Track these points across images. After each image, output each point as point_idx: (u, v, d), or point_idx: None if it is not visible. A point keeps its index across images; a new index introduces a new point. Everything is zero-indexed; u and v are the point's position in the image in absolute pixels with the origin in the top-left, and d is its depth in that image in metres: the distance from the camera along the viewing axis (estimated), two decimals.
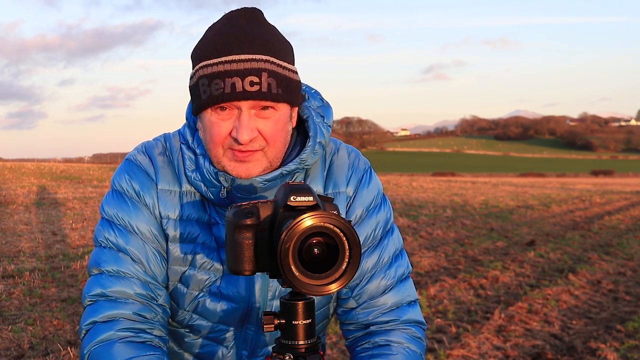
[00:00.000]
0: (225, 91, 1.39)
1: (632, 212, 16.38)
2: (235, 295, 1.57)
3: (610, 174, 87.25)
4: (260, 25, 1.45)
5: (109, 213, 1.57)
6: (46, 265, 6.87)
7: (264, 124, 1.44)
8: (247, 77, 1.39)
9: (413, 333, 1.63)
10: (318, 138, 1.54)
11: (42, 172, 21.49)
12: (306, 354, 1.21)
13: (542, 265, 8.09)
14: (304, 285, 1.11)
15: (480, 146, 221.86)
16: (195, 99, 1.47)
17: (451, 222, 12.37)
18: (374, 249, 1.64)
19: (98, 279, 1.54)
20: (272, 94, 1.42)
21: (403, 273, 1.67)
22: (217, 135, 1.45)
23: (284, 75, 1.44)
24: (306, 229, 1.09)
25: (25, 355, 4.21)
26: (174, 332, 1.67)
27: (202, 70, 1.43)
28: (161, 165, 1.57)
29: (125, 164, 1.61)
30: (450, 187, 24.85)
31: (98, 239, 1.57)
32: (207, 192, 1.53)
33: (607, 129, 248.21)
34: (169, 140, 1.61)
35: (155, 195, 1.56)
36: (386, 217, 1.67)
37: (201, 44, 1.47)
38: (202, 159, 1.51)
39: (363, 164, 1.67)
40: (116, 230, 1.54)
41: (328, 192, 1.62)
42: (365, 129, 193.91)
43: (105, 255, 1.54)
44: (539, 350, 4.60)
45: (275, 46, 1.44)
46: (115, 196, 1.58)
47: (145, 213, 1.55)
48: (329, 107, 1.61)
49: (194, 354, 1.68)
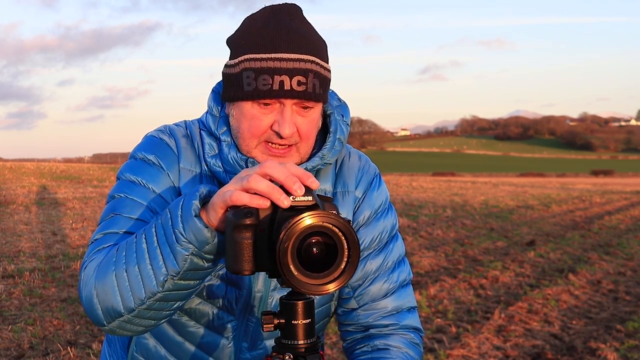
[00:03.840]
0: (274, 88, 1.43)
1: (632, 212, 16.39)
2: (239, 281, 1.58)
3: (610, 174, 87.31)
4: (303, 23, 1.49)
5: (130, 177, 1.54)
6: (46, 265, 6.88)
7: (302, 121, 1.48)
8: (296, 77, 1.43)
9: (411, 339, 1.65)
10: (338, 134, 1.58)
11: (42, 172, 21.51)
12: (306, 354, 1.21)
13: (542, 265, 8.09)
14: (302, 284, 1.11)
15: (480, 146, 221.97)
16: (235, 88, 1.48)
17: (451, 222, 12.37)
18: (379, 252, 1.66)
19: (116, 219, 1.48)
20: (316, 94, 1.47)
21: (405, 279, 1.69)
22: (257, 128, 1.47)
23: (325, 76, 1.50)
24: (305, 228, 1.09)
25: (25, 355, 4.21)
26: (175, 321, 1.67)
27: (248, 62, 1.45)
28: (184, 146, 1.58)
29: (149, 139, 1.59)
30: (450, 187, 24.86)
31: (115, 194, 1.53)
32: (227, 178, 1.54)
33: (607, 129, 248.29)
34: (189, 127, 1.63)
35: (177, 171, 1.56)
36: (392, 222, 1.71)
37: (246, 35, 1.48)
38: (227, 147, 1.52)
39: (373, 169, 1.72)
40: (136, 188, 1.52)
41: (337, 191, 1.65)
42: (365, 129, 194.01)
43: (123, 204, 1.50)
44: (539, 350, 4.60)
45: (319, 46, 1.49)
46: (139, 163, 1.55)
47: (168, 181, 1.54)
48: (347, 106, 1.66)
49: (195, 344, 1.68)
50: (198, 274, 1.29)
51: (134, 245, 1.30)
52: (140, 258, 1.28)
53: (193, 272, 1.27)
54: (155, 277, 1.26)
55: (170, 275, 1.26)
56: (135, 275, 1.28)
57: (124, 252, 1.31)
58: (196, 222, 1.21)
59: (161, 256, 1.26)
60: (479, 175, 69.69)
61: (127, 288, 1.29)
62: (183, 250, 1.23)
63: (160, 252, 1.26)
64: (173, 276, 1.26)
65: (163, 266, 1.26)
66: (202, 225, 1.21)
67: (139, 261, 1.28)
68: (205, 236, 1.21)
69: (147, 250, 1.28)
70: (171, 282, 1.26)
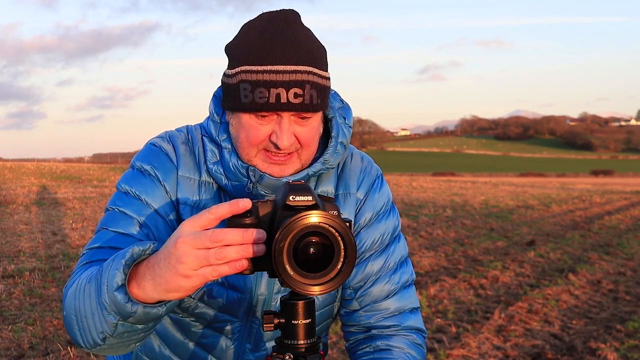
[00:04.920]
0: (270, 101, 1.42)
1: (632, 212, 16.39)
2: (242, 285, 1.58)
3: (610, 174, 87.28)
4: (300, 30, 1.48)
5: (125, 188, 1.57)
6: (46, 265, 6.88)
7: (301, 130, 1.48)
8: (292, 89, 1.42)
9: (414, 340, 1.65)
10: (340, 138, 1.58)
11: (42, 172, 21.50)
12: (306, 354, 1.21)
13: (542, 265, 8.09)
14: (298, 284, 1.10)
15: (480, 146, 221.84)
16: (233, 98, 1.48)
17: (451, 222, 12.37)
18: (380, 253, 1.66)
19: (103, 234, 1.50)
20: (313, 105, 1.46)
21: (407, 280, 1.69)
22: (255, 138, 1.47)
23: (323, 85, 1.48)
24: (301, 228, 1.09)
25: (25, 355, 4.21)
26: (180, 321, 1.67)
27: (245, 74, 1.44)
28: (183, 153, 1.59)
29: (148, 148, 1.62)
30: (450, 187, 24.85)
31: (110, 206, 1.56)
32: (228, 184, 1.54)
33: (607, 129, 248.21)
34: (191, 132, 1.64)
35: (175, 180, 1.57)
36: (394, 224, 1.70)
37: (243, 45, 1.47)
38: (228, 154, 1.53)
39: (375, 171, 1.72)
40: (131, 200, 1.54)
41: (339, 193, 1.65)
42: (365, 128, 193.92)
43: (116, 218, 1.52)
44: (539, 350, 4.60)
45: (316, 55, 1.47)
46: (135, 173, 1.58)
47: (163, 194, 1.56)
48: (349, 108, 1.65)
49: (199, 344, 1.68)
50: (139, 328, 1.24)
51: (94, 283, 1.25)
52: (91, 301, 1.25)
53: (129, 333, 1.24)
54: (103, 324, 1.23)
55: (111, 329, 1.22)
56: (90, 315, 1.25)
57: (83, 290, 1.28)
58: (116, 297, 1.16)
59: (99, 312, 1.22)
60: (479, 175, 69.66)
61: (85, 326, 1.27)
62: (110, 317, 1.20)
63: (97, 307, 1.23)
64: (114, 330, 1.22)
65: (104, 320, 1.22)
66: (124, 300, 1.16)
67: (91, 303, 1.25)
68: (128, 311, 1.17)
69: (94, 297, 1.24)
70: (120, 328, 1.22)
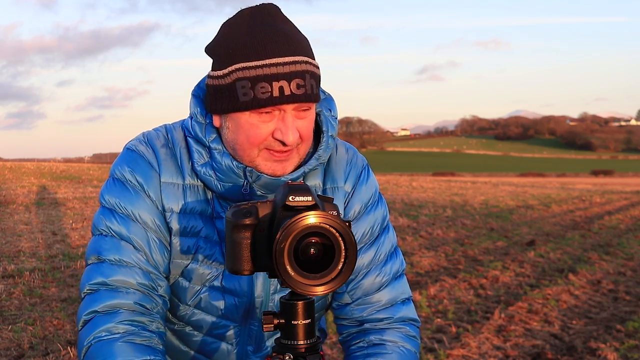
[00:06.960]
0: (274, 95, 1.38)
1: (632, 212, 16.37)
2: (238, 289, 1.57)
3: (610, 174, 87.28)
4: (285, 22, 1.45)
5: (110, 202, 1.54)
6: (46, 265, 6.87)
7: (302, 123, 1.45)
8: (294, 80, 1.39)
9: (407, 332, 1.63)
10: (330, 132, 1.56)
11: (42, 172, 21.49)
12: (306, 354, 1.21)
13: (542, 265, 8.08)
14: (298, 284, 1.10)
15: (480, 146, 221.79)
16: (228, 99, 1.43)
17: (451, 222, 12.36)
18: (370, 246, 1.64)
19: (99, 267, 1.50)
20: (315, 95, 1.44)
21: (398, 270, 1.67)
22: (257, 137, 1.43)
23: (318, 74, 1.47)
24: (302, 229, 1.09)
25: (25, 355, 4.21)
26: (180, 331, 1.66)
27: (241, 72, 1.40)
28: (164, 157, 1.55)
29: (126, 154, 1.57)
30: (450, 187, 24.84)
31: (98, 227, 1.54)
32: (218, 185, 1.51)
33: (607, 129, 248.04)
34: (171, 132, 1.59)
35: (159, 187, 1.53)
36: (383, 214, 1.68)
37: (232, 43, 1.43)
38: (220, 155, 1.48)
39: (361, 161, 1.68)
40: (118, 218, 1.51)
41: (326, 187, 1.62)
42: (365, 128, 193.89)
43: (107, 244, 1.51)
44: (539, 350, 4.60)
45: (306, 45, 1.46)
46: (116, 184, 1.55)
47: (148, 202, 1.53)
48: (332, 98, 1.61)
49: (201, 352, 1.68)
50: None
51: None
52: None
53: None
54: None
55: None
56: None
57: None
58: None
59: None
60: (479, 175, 69.64)
61: None
62: None
63: None
64: None
65: None
66: None
67: None
68: None
69: None
70: None
